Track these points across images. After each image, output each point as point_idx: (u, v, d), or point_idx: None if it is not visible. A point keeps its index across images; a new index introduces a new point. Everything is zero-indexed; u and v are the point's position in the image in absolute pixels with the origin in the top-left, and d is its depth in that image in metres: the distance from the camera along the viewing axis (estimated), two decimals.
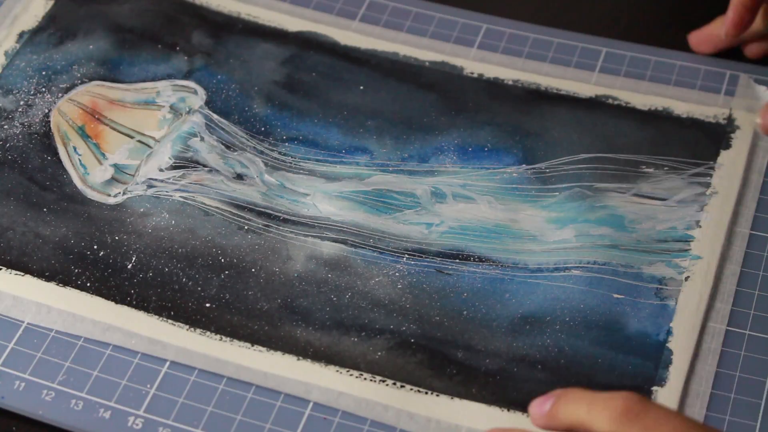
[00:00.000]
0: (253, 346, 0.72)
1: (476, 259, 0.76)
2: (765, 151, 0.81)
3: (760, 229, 0.78)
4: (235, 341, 0.73)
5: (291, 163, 0.82)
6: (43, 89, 0.86)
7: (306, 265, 0.76)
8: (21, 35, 0.89)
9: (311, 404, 0.70)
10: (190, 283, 0.76)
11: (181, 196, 0.80)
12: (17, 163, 0.82)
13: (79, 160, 0.82)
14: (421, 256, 0.77)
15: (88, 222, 0.79)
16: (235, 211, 0.79)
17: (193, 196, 0.80)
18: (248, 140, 0.83)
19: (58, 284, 0.75)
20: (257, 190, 0.81)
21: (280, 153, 0.83)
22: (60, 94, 0.86)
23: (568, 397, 0.62)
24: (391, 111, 0.85)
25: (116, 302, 0.75)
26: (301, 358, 0.72)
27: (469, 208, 0.79)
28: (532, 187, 0.80)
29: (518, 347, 0.72)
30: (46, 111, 0.85)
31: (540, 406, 0.63)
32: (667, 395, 0.69)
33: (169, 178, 0.81)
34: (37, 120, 0.84)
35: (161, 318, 0.74)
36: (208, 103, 0.85)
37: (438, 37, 0.90)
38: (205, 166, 0.82)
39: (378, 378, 0.71)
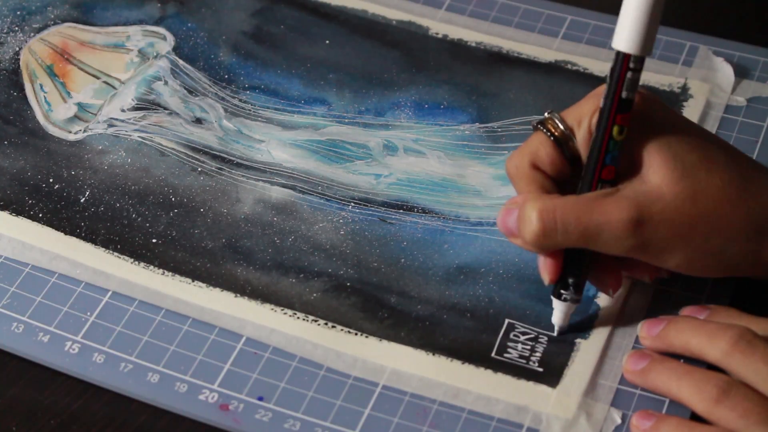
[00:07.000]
0: (193, 281, 0.74)
1: (420, 210, 0.78)
2: (715, 120, 0.82)
3: None
4: (177, 276, 0.74)
5: (250, 110, 0.84)
6: (16, 28, 0.88)
7: (253, 208, 0.78)
8: None
9: (244, 339, 0.71)
10: (139, 219, 0.77)
11: (139, 136, 0.82)
12: None
13: (44, 98, 0.84)
14: (367, 205, 0.78)
15: (47, 156, 0.81)
16: (190, 153, 0.81)
17: (151, 136, 0.82)
18: (210, 86, 0.85)
19: (11, 213, 0.77)
20: (214, 134, 0.82)
21: (240, 100, 0.84)
22: (32, 34, 0.88)
23: (681, 325, 0.67)
24: (354, 66, 0.87)
25: (65, 233, 0.76)
26: (238, 295, 0.73)
27: (418, 162, 0.81)
28: (482, 144, 0.82)
29: (450, 295, 0.73)
30: (17, 49, 0.87)
31: (650, 329, 0.68)
32: (590, 347, 0.70)
33: (129, 119, 0.83)
34: (8, 57, 0.86)
35: (107, 251, 0.75)
36: (176, 49, 0.87)
37: None
38: (165, 108, 0.84)
39: (311, 318, 0.72)
